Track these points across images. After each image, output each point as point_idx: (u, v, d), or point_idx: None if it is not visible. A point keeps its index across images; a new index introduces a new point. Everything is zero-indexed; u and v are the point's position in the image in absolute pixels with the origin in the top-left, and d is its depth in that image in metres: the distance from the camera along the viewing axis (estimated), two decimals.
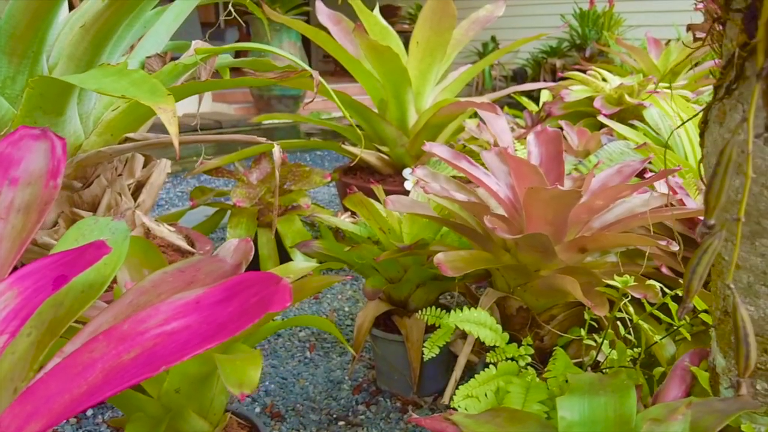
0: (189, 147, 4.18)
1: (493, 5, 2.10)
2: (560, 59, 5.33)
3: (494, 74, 6.01)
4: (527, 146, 1.12)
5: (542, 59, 5.59)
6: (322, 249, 1.27)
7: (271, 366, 1.49)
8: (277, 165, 0.97)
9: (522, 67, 5.99)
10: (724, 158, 0.43)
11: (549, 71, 5.31)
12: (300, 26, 1.88)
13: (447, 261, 0.89)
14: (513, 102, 3.32)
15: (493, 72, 6.03)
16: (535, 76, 5.72)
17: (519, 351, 0.93)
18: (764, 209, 0.54)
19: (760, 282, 0.58)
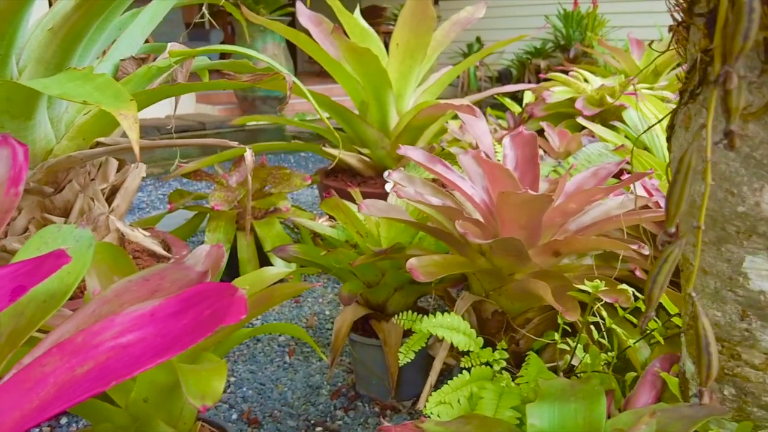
0: (172, 149, 4.15)
1: (473, 7, 2.10)
2: (545, 60, 5.34)
3: (479, 75, 6.02)
4: (503, 149, 1.12)
5: (527, 60, 5.61)
6: (299, 253, 1.26)
7: (250, 371, 1.47)
8: (249, 169, 0.96)
9: (507, 68, 6.01)
10: (684, 166, 0.43)
11: (533, 72, 5.33)
12: (279, 28, 1.87)
13: (420, 266, 0.89)
14: (497, 103, 3.33)
15: (478, 73, 6.04)
16: (519, 76, 5.74)
17: (494, 355, 0.93)
18: (729, 215, 0.54)
19: (726, 287, 0.58)
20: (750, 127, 0.50)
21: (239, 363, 1.51)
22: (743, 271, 0.56)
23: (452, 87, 6.32)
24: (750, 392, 0.60)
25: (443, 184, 1.14)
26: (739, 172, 0.52)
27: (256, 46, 4.95)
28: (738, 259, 0.56)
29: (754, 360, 0.59)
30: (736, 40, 0.38)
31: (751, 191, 0.52)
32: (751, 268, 0.55)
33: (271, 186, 1.85)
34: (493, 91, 2.22)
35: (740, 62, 0.39)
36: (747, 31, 0.38)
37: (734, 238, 0.55)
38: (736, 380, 0.61)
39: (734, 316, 0.58)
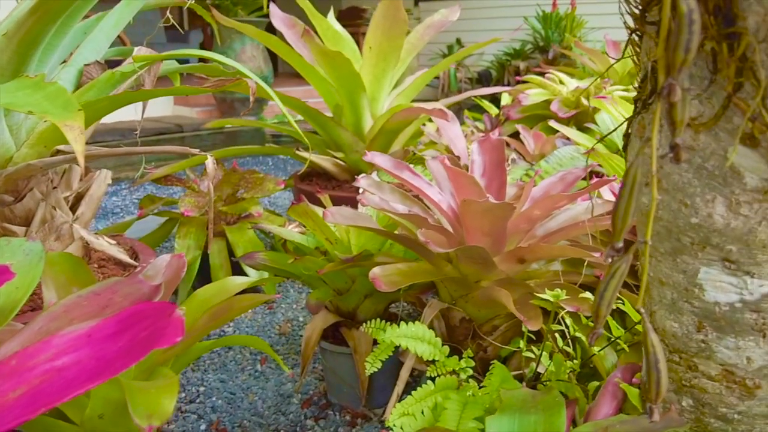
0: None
1: (448, 10, 2.09)
2: (524, 61, 5.36)
3: (460, 76, 6.03)
4: (471, 155, 1.11)
5: (506, 62, 5.63)
6: (268, 261, 1.24)
7: (220, 381, 1.45)
8: (210, 177, 0.94)
9: (487, 70, 6.02)
10: (629, 179, 0.42)
11: (513, 73, 5.34)
12: (250, 30, 1.84)
13: (383, 275, 0.87)
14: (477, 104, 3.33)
15: (458, 74, 6.04)
16: (499, 78, 5.75)
17: (460, 364, 0.92)
18: (683, 226, 0.53)
19: (682, 298, 0.57)
20: (701, 137, 0.49)
21: (209, 372, 1.49)
22: (698, 283, 0.55)
23: (433, 88, 6.33)
24: (707, 403, 0.59)
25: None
26: (692, 183, 0.51)
27: (234, 47, 4.91)
28: (693, 270, 0.55)
29: (710, 371, 0.58)
30: (677, 52, 0.37)
31: (703, 202, 0.51)
32: (706, 280, 0.54)
33: (243, 191, 1.83)
34: (469, 93, 2.21)
35: (684, 74, 0.38)
36: (688, 43, 0.37)
37: (689, 249, 0.54)
38: (693, 391, 0.60)
39: (691, 328, 0.58)
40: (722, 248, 0.52)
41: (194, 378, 1.46)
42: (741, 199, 0.49)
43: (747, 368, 0.56)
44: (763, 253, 0.51)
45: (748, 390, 0.57)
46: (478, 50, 6.32)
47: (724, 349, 0.56)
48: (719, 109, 0.47)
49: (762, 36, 0.42)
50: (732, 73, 0.45)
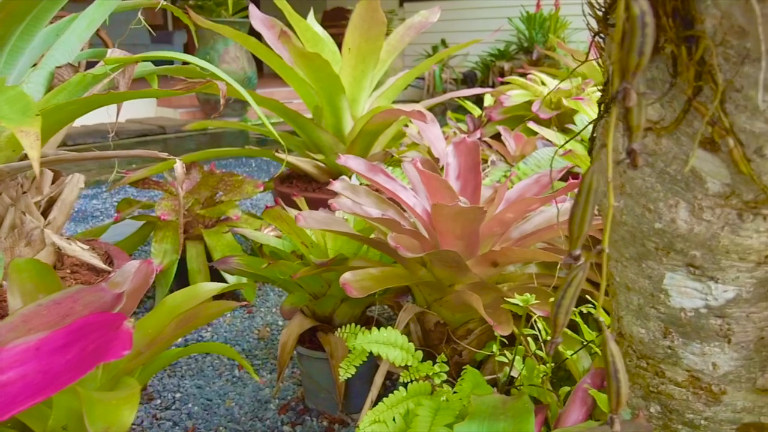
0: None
1: (428, 11, 2.09)
2: (508, 62, 5.37)
3: (445, 77, 6.03)
4: (446, 158, 1.10)
5: (491, 62, 5.64)
6: (243, 265, 1.22)
7: (197, 387, 1.43)
8: (179, 181, 0.92)
9: (472, 70, 6.03)
10: (585, 186, 0.41)
11: (497, 74, 5.35)
12: (228, 32, 1.83)
13: (354, 281, 0.86)
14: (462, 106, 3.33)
15: (443, 75, 6.05)
16: (484, 78, 5.76)
17: (433, 369, 0.91)
18: (647, 231, 0.53)
19: (649, 304, 0.57)
20: (663, 142, 0.48)
21: (186, 378, 1.47)
22: (664, 288, 0.54)
23: (418, 89, 6.33)
24: (674, 409, 0.59)
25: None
26: (655, 188, 0.50)
27: (217, 48, 4.88)
28: (658, 275, 0.54)
29: (677, 377, 0.57)
30: (631, 55, 0.37)
31: (666, 207, 0.50)
32: (672, 285, 0.54)
33: (222, 193, 1.81)
34: (451, 95, 2.21)
35: (638, 78, 0.37)
36: (642, 47, 0.36)
37: (653, 255, 0.54)
38: (661, 397, 0.59)
39: (657, 333, 0.57)
40: (686, 253, 0.51)
41: (170, 384, 1.44)
42: (703, 204, 0.48)
43: (713, 374, 0.55)
44: (727, 258, 0.50)
45: (714, 396, 0.56)
46: (463, 51, 6.34)
47: (690, 355, 0.56)
48: (680, 113, 0.46)
49: (719, 39, 0.42)
50: (691, 77, 0.44)
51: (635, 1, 0.36)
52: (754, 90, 0.41)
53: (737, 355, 0.54)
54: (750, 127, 0.42)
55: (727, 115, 0.43)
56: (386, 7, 6.57)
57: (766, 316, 0.53)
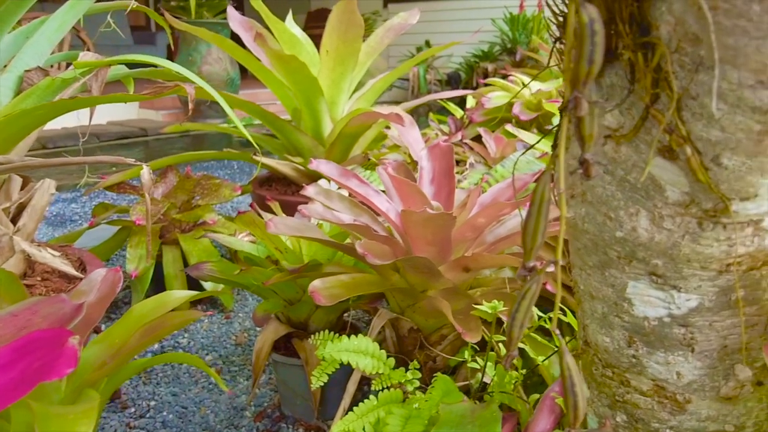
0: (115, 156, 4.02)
1: (407, 13, 2.08)
2: (492, 63, 5.38)
3: (429, 78, 6.03)
4: (420, 162, 1.09)
5: (475, 63, 5.64)
6: (216, 272, 1.20)
7: (172, 394, 1.41)
8: (146, 188, 0.91)
9: (456, 71, 6.03)
10: (537, 197, 0.40)
11: (481, 75, 5.36)
12: (204, 34, 1.81)
13: (323, 288, 0.85)
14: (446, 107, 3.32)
15: (428, 76, 6.05)
16: (468, 79, 5.77)
17: (406, 376, 0.90)
18: (609, 239, 0.52)
19: (613, 313, 0.56)
20: (622, 149, 0.48)
21: (162, 385, 1.45)
22: (627, 297, 0.54)
23: (403, 90, 6.32)
24: (640, 419, 0.58)
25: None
26: (616, 196, 0.50)
27: (200, 49, 4.84)
28: (621, 284, 0.54)
29: (642, 387, 0.57)
30: (581, 63, 0.36)
31: (627, 216, 0.49)
32: (635, 294, 0.53)
33: (199, 197, 1.79)
34: (431, 97, 2.20)
35: (590, 87, 0.36)
36: (591, 55, 0.35)
37: (616, 263, 0.53)
38: (626, 407, 0.59)
39: (622, 342, 0.57)
40: (648, 262, 0.51)
41: (145, 392, 1.42)
42: (664, 212, 0.48)
43: (677, 383, 0.55)
44: (689, 267, 0.49)
45: (678, 405, 0.56)
46: (447, 52, 6.34)
47: (655, 364, 0.55)
48: (638, 120, 0.46)
49: (674, 46, 0.41)
50: (648, 84, 0.43)
51: (584, 8, 0.35)
52: (709, 98, 0.40)
53: (701, 364, 0.54)
54: (707, 135, 0.42)
55: (684, 123, 0.43)
56: (370, 8, 6.57)
57: (728, 324, 0.52)
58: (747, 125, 0.40)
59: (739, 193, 0.44)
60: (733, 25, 0.37)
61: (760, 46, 0.37)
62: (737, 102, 0.39)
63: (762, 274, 0.51)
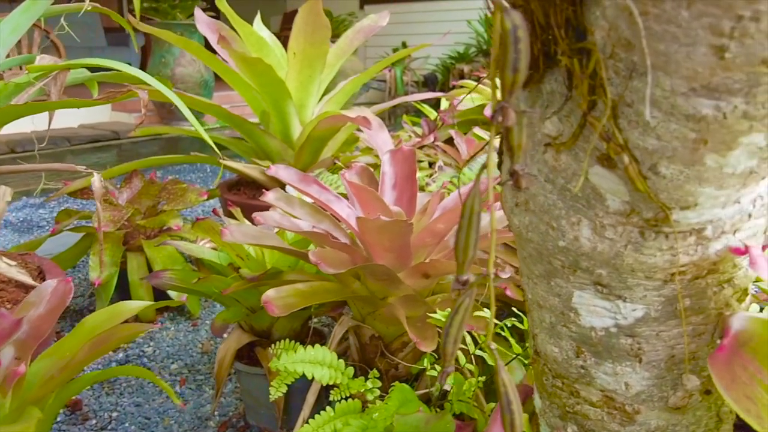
0: (85, 161, 3.95)
1: (377, 15, 2.06)
2: (468, 65, 5.39)
3: (406, 80, 6.02)
4: (382, 166, 1.08)
5: (451, 65, 5.65)
6: (175, 280, 1.18)
7: (135, 405, 1.38)
8: (97, 197, 0.88)
9: (432, 73, 6.04)
10: (467, 209, 0.39)
11: (457, 76, 5.37)
12: (169, 36, 1.78)
13: (277, 298, 0.83)
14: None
15: (405, 77, 6.04)
16: (445, 81, 5.78)
17: (365, 385, 0.88)
18: (552, 249, 0.51)
19: (560, 323, 0.55)
20: (562, 158, 0.47)
21: (125, 395, 1.42)
22: (573, 307, 0.53)
23: (380, 92, 6.31)
24: (591, 429, 0.57)
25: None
26: (557, 205, 0.49)
27: (173, 51, 4.77)
28: (567, 294, 0.52)
29: (591, 397, 0.56)
30: (505, 72, 0.34)
31: (569, 225, 0.48)
32: (581, 304, 0.52)
33: (165, 202, 1.76)
34: (401, 99, 2.19)
35: (516, 96, 0.35)
36: (515, 63, 0.34)
37: (561, 273, 0.52)
38: (577, 417, 0.58)
39: (570, 353, 0.55)
40: (592, 272, 0.49)
41: (108, 403, 1.39)
42: (605, 222, 0.46)
43: (626, 394, 0.54)
44: (633, 277, 0.48)
45: (628, 416, 0.55)
46: (424, 54, 6.34)
47: (603, 375, 0.54)
48: (576, 128, 0.44)
49: (608, 52, 0.40)
50: (585, 91, 0.42)
51: (507, 14, 0.34)
52: (643, 105, 0.39)
53: (649, 374, 0.53)
54: (643, 143, 0.41)
55: (620, 131, 0.41)
56: (346, 9, 6.55)
57: (676, 334, 0.51)
58: (682, 133, 0.39)
59: (679, 202, 0.43)
60: (663, 30, 0.36)
61: (690, 52, 0.36)
62: (671, 110, 0.38)
63: (707, 282, 0.50)
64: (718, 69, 0.36)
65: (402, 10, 6.20)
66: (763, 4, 0.33)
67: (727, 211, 0.46)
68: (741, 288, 0.52)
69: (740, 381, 0.47)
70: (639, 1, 0.36)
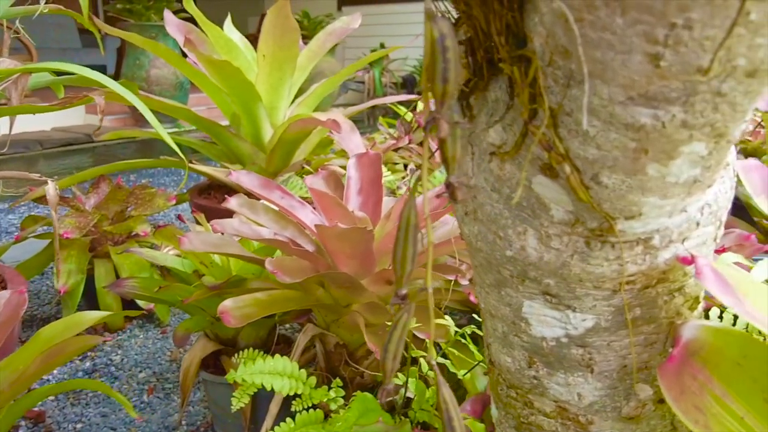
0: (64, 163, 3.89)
1: (349, 17, 2.05)
2: None
3: (385, 81, 6.02)
4: (347, 171, 1.06)
5: None
6: (138, 288, 1.15)
7: (101, 415, 1.35)
8: (51, 205, 0.86)
9: (411, 74, 6.04)
10: (403, 222, 0.37)
11: None
12: (136, 39, 1.75)
13: (234, 308, 0.81)
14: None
15: (383, 79, 6.03)
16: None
17: (328, 395, 0.87)
18: (500, 258, 0.50)
19: (512, 333, 0.54)
20: (507, 167, 0.46)
21: (91, 406, 1.39)
22: (524, 317, 0.52)
23: (359, 93, 6.30)
24: None
25: None
26: (503, 215, 0.48)
27: (148, 53, 4.72)
28: (517, 303, 0.52)
29: (545, 408, 0.55)
30: (435, 83, 0.33)
31: (516, 235, 0.47)
32: (531, 314, 0.51)
33: (133, 208, 1.73)
34: (375, 102, 2.18)
35: (449, 107, 0.34)
36: (445, 73, 0.33)
37: (510, 282, 0.51)
38: (531, 428, 0.57)
39: (523, 363, 0.55)
40: (540, 282, 0.49)
41: (72, 414, 1.36)
42: (550, 231, 0.46)
43: (579, 404, 0.53)
44: (581, 287, 0.48)
45: (581, 426, 0.54)
46: (402, 55, 6.34)
47: (556, 386, 0.53)
48: (518, 137, 0.43)
49: (547, 59, 0.39)
50: (526, 99, 0.41)
51: (434, 23, 0.33)
52: (582, 114, 0.38)
53: (601, 384, 0.52)
54: (584, 153, 0.40)
55: (561, 141, 0.41)
56: (324, 10, 6.52)
57: (627, 344, 0.51)
58: (622, 143, 0.38)
59: (623, 212, 0.42)
60: (599, 37, 0.35)
61: (626, 60, 0.35)
62: (610, 119, 0.37)
63: (658, 291, 0.49)
64: (654, 77, 0.35)
65: (381, 11, 6.19)
66: (695, 12, 0.32)
67: (674, 220, 0.45)
68: (692, 296, 0.52)
69: (690, 391, 0.46)
70: (574, 8, 0.35)
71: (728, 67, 0.35)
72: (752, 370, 0.46)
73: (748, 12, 0.32)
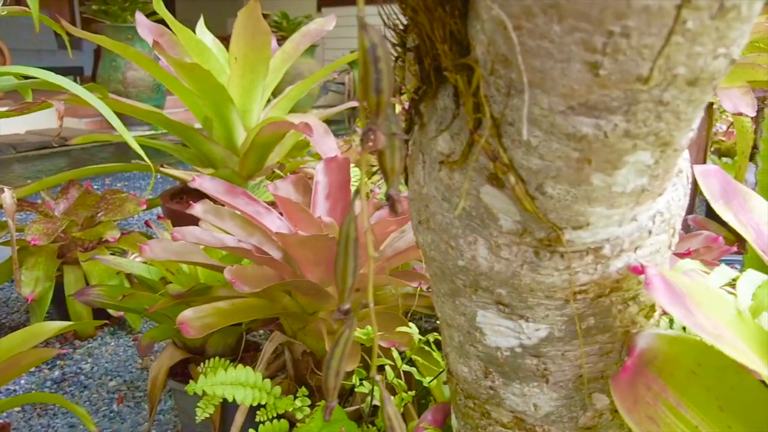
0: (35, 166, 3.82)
1: (323, 19, 2.04)
2: None
3: None
4: (315, 175, 1.05)
5: None
6: (103, 296, 1.13)
7: (69, 426, 1.33)
8: (8, 214, 0.83)
9: None
10: (343, 235, 0.36)
11: None
12: (105, 41, 1.72)
13: (194, 318, 0.80)
14: None
15: None
16: None
17: (294, 404, 0.86)
18: (453, 268, 0.49)
19: (468, 342, 0.53)
20: (455, 176, 0.45)
21: (58, 416, 1.36)
22: (478, 326, 0.51)
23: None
24: None
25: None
26: (454, 224, 0.47)
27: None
28: (471, 313, 0.51)
29: (502, 419, 0.54)
30: (368, 94, 0.32)
31: (467, 244, 0.47)
32: (485, 323, 0.50)
33: (103, 213, 1.70)
34: (350, 104, 2.16)
35: (384, 118, 0.33)
36: (378, 83, 0.32)
37: (463, 292, 0.50)
38: None
39: (479, 373, 0.54)
40: (492, 291, 0.48)
41: (38, 425, 1.33)
42: (500, 241, 0.45)
43: (535, 415, 0.53)
44: (533, 296, 0.47)
45: None
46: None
47: (512, 396, 0.53)
48: (465, 146, 0.43)
49: (489, 68, 0.38)
50: (471, 108, 0.41)
51: (366, 32, 0.32)
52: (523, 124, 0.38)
53: (557, 395, 0.51)
54: (527, 163, 0.39)
55: (505, 150, 0.40)
56: (304, 11, 6.50)
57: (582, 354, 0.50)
58: (565, 153, 0.38)
59: (570, 221, 0.42)
60: (537, 46, 0.34)
61: (565, 69, 0.34)
62: (551, 128, 0.37)
63: (611, 300, 0.49)
64: (594, 86, 0.35)
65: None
66: (631, 20, 0.32)
67: (624, 229, 0.45)
68: (647, 305, 0.51)
69: (643, 402, 0.46)
70: (513, 16, 0.34)
71: (669, 75, 0.34)
72: (707, 378, 0.46)
73: (685, 20, 0.32)
